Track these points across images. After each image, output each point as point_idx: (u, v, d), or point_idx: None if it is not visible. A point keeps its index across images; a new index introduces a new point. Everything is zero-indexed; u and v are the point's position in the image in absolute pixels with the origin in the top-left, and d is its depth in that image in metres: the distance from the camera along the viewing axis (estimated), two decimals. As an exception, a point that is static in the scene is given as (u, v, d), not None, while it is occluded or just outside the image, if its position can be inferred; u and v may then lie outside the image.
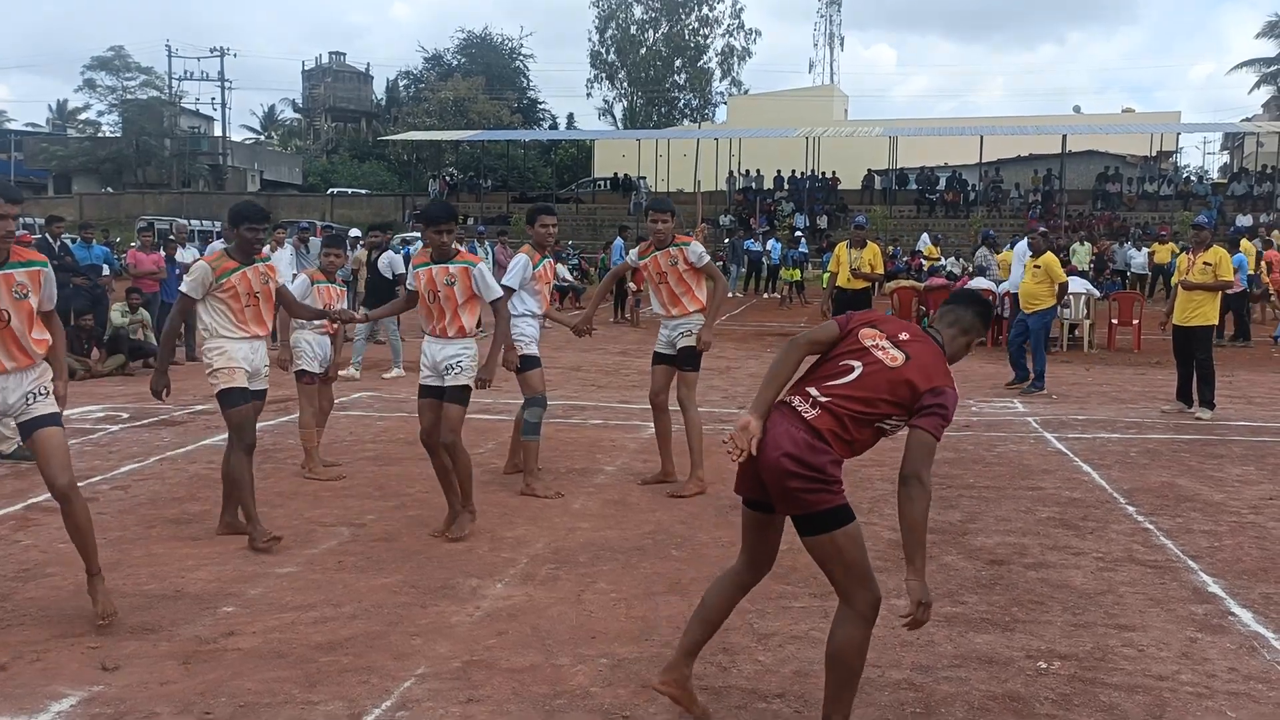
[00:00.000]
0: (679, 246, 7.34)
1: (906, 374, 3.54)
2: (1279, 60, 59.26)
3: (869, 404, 3.52)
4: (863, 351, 3.64)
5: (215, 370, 5.98)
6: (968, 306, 3.91)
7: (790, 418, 3.57)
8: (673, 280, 7.37)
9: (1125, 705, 3.99)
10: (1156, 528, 6.45)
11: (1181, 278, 10.58)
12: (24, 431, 4.77)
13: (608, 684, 4.14)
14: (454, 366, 6.25)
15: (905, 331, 3.73)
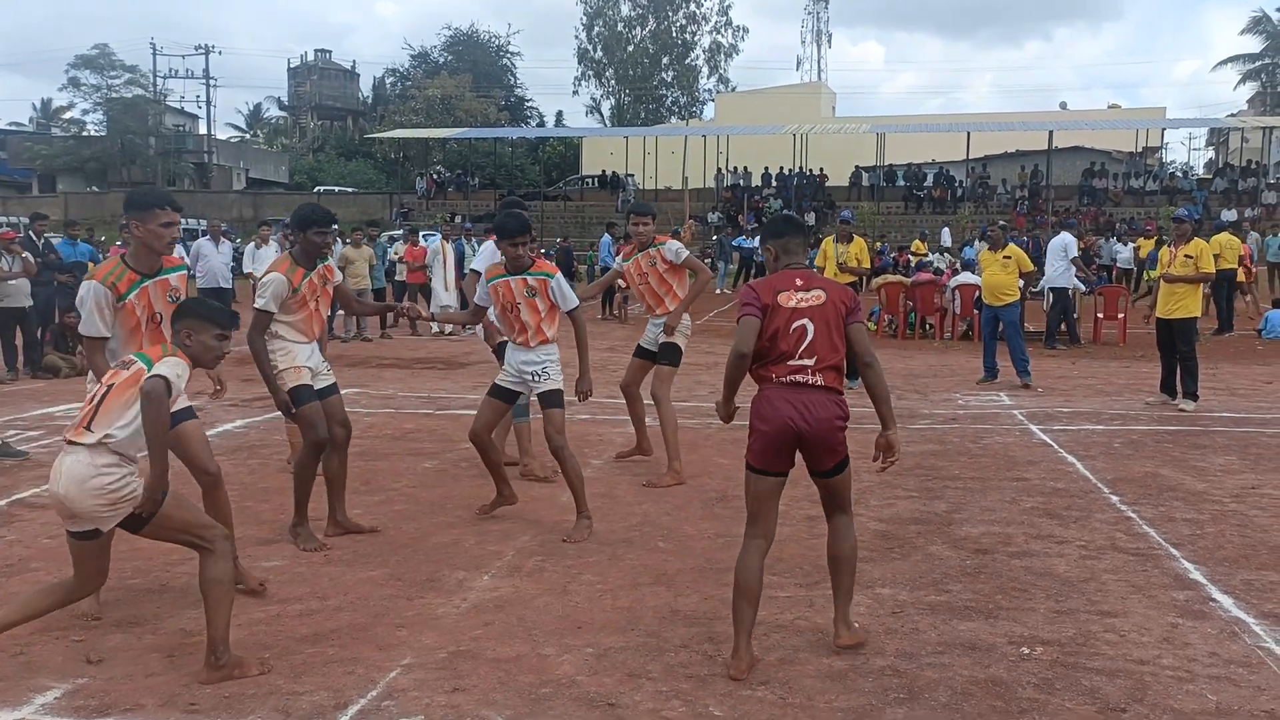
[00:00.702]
0: (657, 247, 7.53)
1: (834, 302, 4.28)
2: (1263, 56, 59.60)
3: (836, 341, 4.26)
4: (796, 311, 4.23)
5: (281, 371, 5.75)
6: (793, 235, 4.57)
7: (814, 391, 4.21)
8: (654, 281, 7.57)
9: (1106, 689, 4.02)
10: (1139, 516, 6.50)
11: (1163, 271, 10.63)
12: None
13: (593, 673, 4.16)
14: (540, 374, 6.33)
15: (799, 277, 4.34)
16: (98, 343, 4.85)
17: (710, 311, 23.67)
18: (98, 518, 4.00)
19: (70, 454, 3.99)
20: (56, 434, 8.99)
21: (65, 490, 3.95)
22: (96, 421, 3.99)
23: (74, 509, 3.97)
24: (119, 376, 4.08)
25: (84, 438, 3.97)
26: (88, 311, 4.80)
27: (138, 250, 4.91)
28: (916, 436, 9.02)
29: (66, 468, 3.97)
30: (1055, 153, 41.60)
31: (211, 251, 15.99)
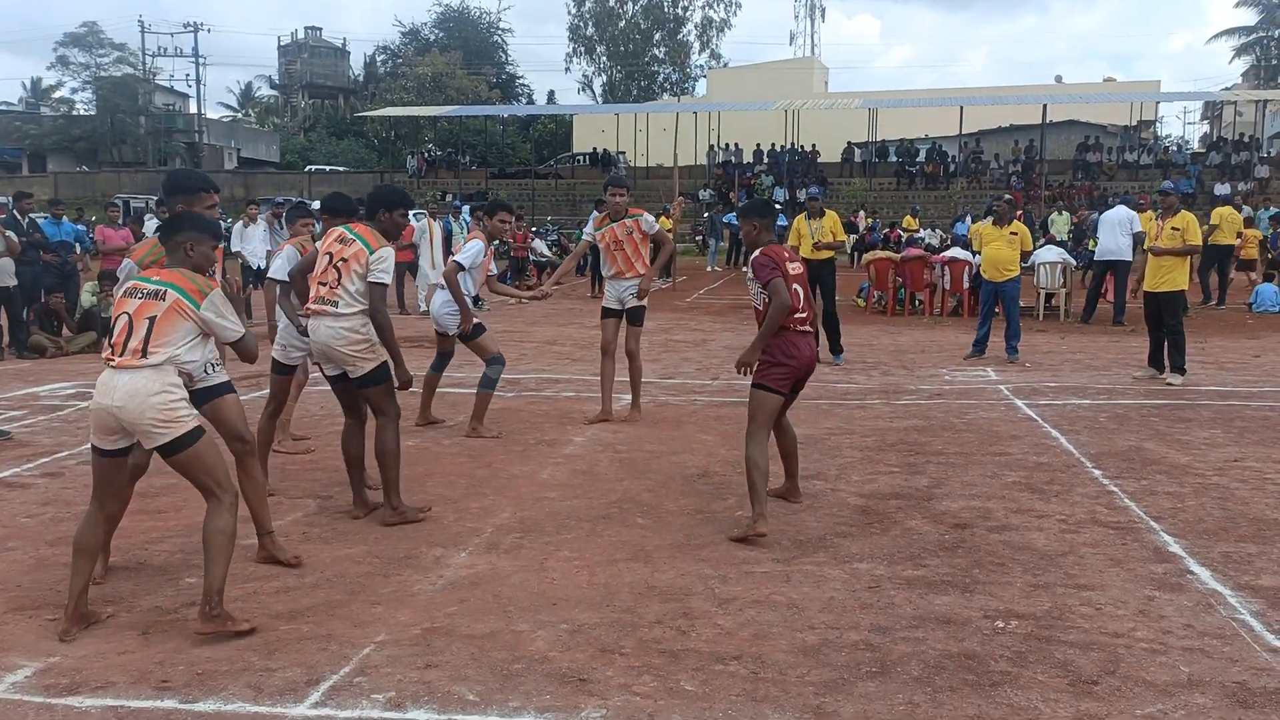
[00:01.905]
0: (634, 218, 8.39)
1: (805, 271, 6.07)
2: (1258, 29, 59.37)
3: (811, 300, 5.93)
4: (795, 277, 5.80)
5: (373, 345, 5.80)
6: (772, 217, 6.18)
7: (811, 337, 5.91)
8: (629, 248, 8.39)
9: (1079, 661, 4.02)
10: (1121, 490, 6.50)
11: (1150, 244, 10.61)
12: (198, 400, 4.84)
13: (566, 649, 4.15)
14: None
15: (786, 251, 5.93)
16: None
17: (701, 289, 23.63)
18: (148, 431, 4.23)
19: (128, 373, 4.24)
20: (41, 414, 9.00)
21: (123, 403, 4.19)
22: (154, 345, 4.27)
23: (128, 421, 4.22)
24: (155, 307, 4.32)
25: (149, 359, 4.25)
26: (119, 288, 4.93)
27: None
28: (900, 412, 9.02)
29: (125, 383, 4.22)
30: (1049, 127, 41.50)
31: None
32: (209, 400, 4.90)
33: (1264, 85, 54.80)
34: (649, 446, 7.70)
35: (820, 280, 11.54)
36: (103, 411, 4.27)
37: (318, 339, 5.82)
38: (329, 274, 5.83)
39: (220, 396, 4.94)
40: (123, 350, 4.29)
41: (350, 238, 5.87)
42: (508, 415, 8.84)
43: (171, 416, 4.24)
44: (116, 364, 4.27)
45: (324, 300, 5.81)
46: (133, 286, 4.44)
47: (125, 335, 4.30)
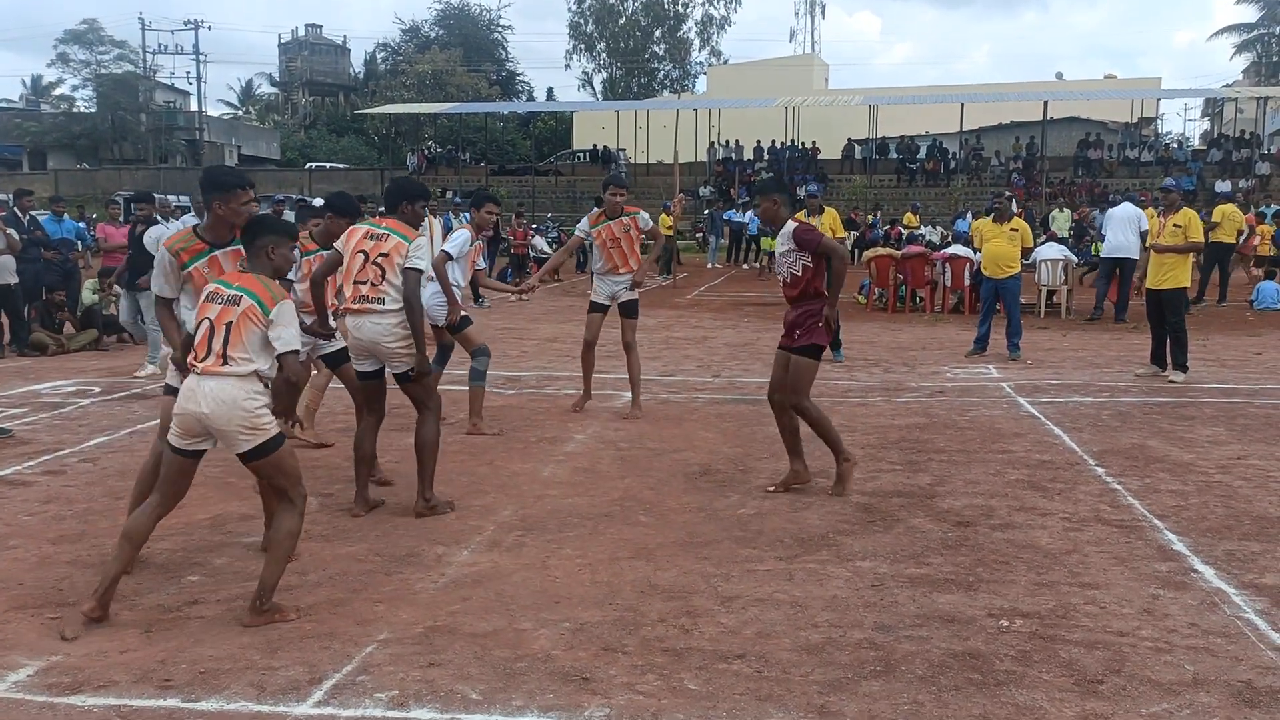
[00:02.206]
0: (630, 215, 8.65)
1: None
2: (1258, 26, 59.33)
3: None
4: None
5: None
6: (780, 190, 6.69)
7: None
8: (625, 245, 8.65)
9: (1084, 661, 4.01)
10: (1124, 488, 6.48)
11: (1152, 241, 10.59)
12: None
13: (569, 647, 4.14)
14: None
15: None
16: (162, 302, 5.12)
17: (701, 286, 23.62)
18: (234, 438, 4.39)
19: (212, 380, 4.35)
20: (43, 412, 8.98)
21: (210, 410, 4.33)
22: (232, 352, 4.37)
23: (215, 427, 4.37)
24: (232, 312, 4.41)
25: (230, 366, 4.36)
26: (155, 273, 5.12)
27: (215, 224, 5.10)
28: (902, 409, 9.01)
29: (210, 390, 4.34)
30: (1050, 124, 41.45)
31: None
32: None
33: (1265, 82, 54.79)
34: (650, 444, 7.69)
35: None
36: (189, 417, 4.38)
37: (363, 335, 5.85)
38: (368, 271, 5.85)
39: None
40: (206, 355, 4.40)
41: (382, 233, 5.91)
42: (509, 412, 8.83)
43: (257, 424, 4.38)
44: (201, 370, 4.38)
45: (367, 298, 5.83)
46: (214, 291, 4.53)
47: (207, 341, 4.41)
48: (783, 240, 6.43)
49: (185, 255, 5.01)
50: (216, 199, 5.05)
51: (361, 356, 6.02)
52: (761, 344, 13.47)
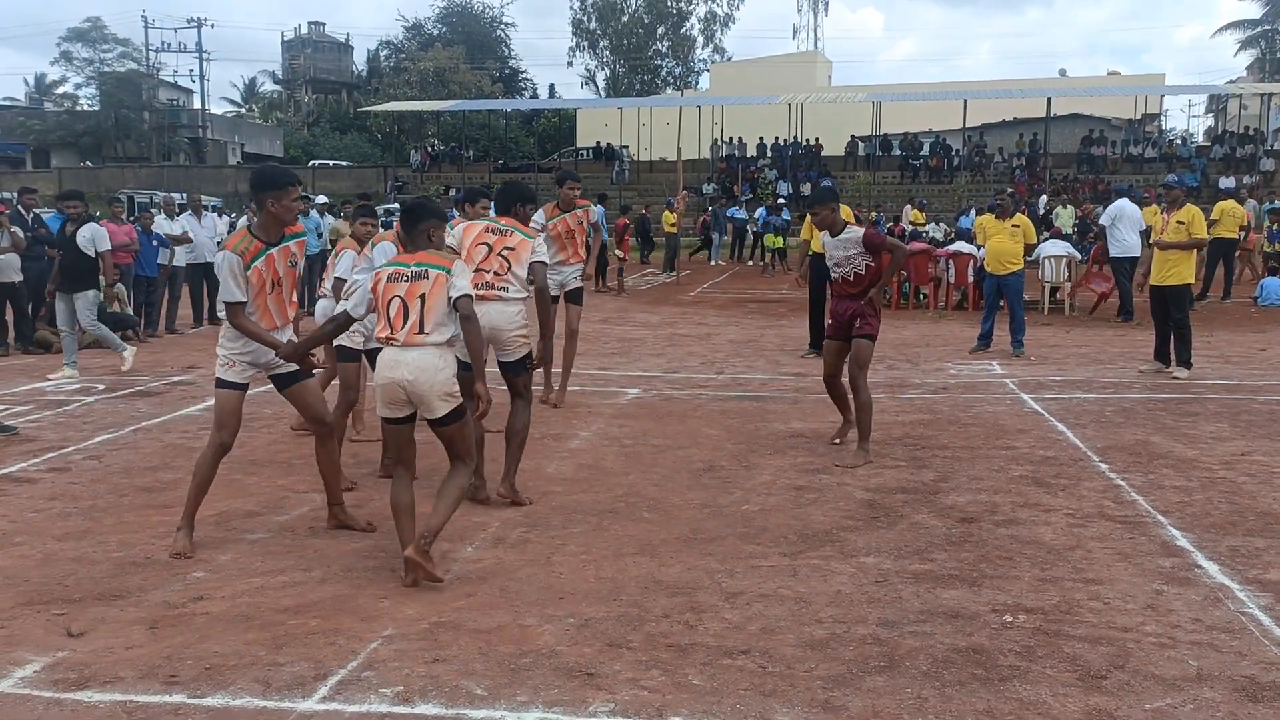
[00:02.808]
0: (583, 209, 9.16)
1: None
2: (1262, 23, 59.21)
3: None
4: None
5: (527, 332, 6.21)
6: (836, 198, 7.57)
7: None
8: (578, 236, 9.14)
9: (1088, 656, 4.01)
10: (1128, 484, 6.48)
11: (1156, 238, 10.58)
12: (281, 383, 5.43)
13: (573, 643, 4.15)
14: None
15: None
16: (237, 307, 5.21)
17: (705, 283, 23.62)
18: (433, 404, 4.74)
19: (414, 350, 4.71)
20: (48, 409, 9.00)
21: (415, 377, 4.69)
22: (429, 325, 4.74)
23: (417, 394, 4.72)
24: (423, 286, 4.77)
25: (429, 338, 4.73)
26: (224, 279, 5.17)
27: (266, 222, 5.26)
28: (906, 406, 9.01)
29: (414, 359, 4.70)
30: (1053, 120, 41.42)
31: (194, 226, 15.84)
32: (292, 384, 5.40)
33: (1269, 78, 54.71)
34: (654, 440, 7.70)
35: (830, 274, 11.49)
36: (392, 385, 4.73)
37: (488, 321, 5.93)
38: (493, 261, 6.16)
39: (303, 380, 5.42)
40: (402, 328, 4.73)
41: (503, 229, 6.30)
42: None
43: (453, 391, 4.77)
44: (401, 341, 4.72)
45: (491, 285, 6.08)
46: (395, 272, 4.85)
47: (401, 315, 4.75)
48: (845, 245, 7.26)
49: (248, 256, 5.16)
50: (270, 196, 5.19)
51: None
52: (765, 341, 13.48)
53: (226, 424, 5.34)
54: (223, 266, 5.15)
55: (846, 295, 7.33)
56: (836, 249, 7.33)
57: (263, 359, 5.34)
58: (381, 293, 4.84)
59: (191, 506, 5.38)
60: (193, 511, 5.39)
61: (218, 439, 5.34)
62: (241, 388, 5.38)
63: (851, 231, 7.27)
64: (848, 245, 7.24)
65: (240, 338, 5.28)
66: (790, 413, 8.78)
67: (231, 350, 5.32)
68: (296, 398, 5.48)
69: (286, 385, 5.44)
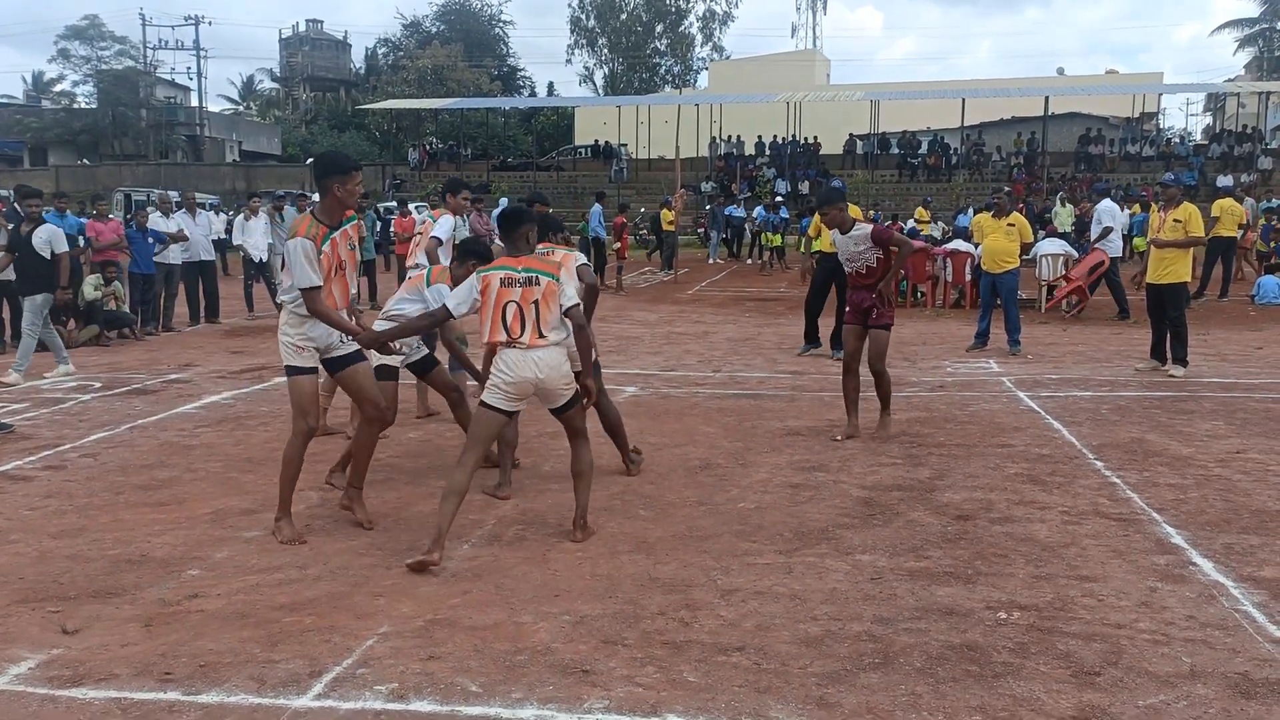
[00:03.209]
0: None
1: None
2: (1261, 21, 59.23)
3: None
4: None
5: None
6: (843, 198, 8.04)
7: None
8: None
9: (1081, 653, 4.02)
10: (1123, 482, 6.49)
11: (1152, 236, 10.59)
12: (334, 367, 5.55)
13: (569, 640, 4.16)
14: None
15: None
16: (315, 292, 5.25)
17: (703, 281, 23.62)
18: (559, 395, 5.29)
19: (541, 350, 5.15)
20: (44, 407, 8.99)
21: (546, 375, 5.17)
22: (546, 326, 5.16)
23: (547, 389, 5.24)
24: (535, 292, 5.17)
25: (549, 338, 5.17)
26: (300, 265, 5.21)
27: (330, 207, 5.37)
28: (903, 404, 8.99)
29: (543, 358, 5.16)
30: (1051, 119, 41.42)
31: (189, 224, 15.83)
32: (345, 368, 5.55)
33: (1267, 77, 54.71)
34: (651, 438, 7.70)
35: (837, 274, 11.55)
36: (525, 383, 5.17)
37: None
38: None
39: (354, 364, 5.56)
40: (521, 332, 5.13)
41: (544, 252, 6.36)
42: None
43: (572, 382, 5.30)
44: (527, 343, 5.13)
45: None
46: (506, 277, 5.19)
47: (519, 320, 5.13)
48: (855, 241, 7.75)
49: (318, 240, 5.26)
50: (335, 181, 5.32)
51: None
52: (762, 339, 13.49)
53: (309, 409, 5.49)
54: (296, 252, 5.20)
55: (862, 286, 7.84)
56: (848, 245, 7.83)
57: (325, 341, 5.46)
58: (495, 298, 5.17)
59: (286, 495, 5.54)
60: (288, 501, 5.55)
61: (303, 425, 5.47)
62: (314, 371, 5.52)
63: (861, 228, 7.79)
64: (858, 241, 7.75)
65: (304, 322, 5.39)
66: (787, 410, 8.78)
67: (297, 335, 5.42)
68: (349, 381, 5.60)
69: (340, 368, 5.57)
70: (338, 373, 5.61)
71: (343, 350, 5.51)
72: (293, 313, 5.41)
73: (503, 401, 5.20)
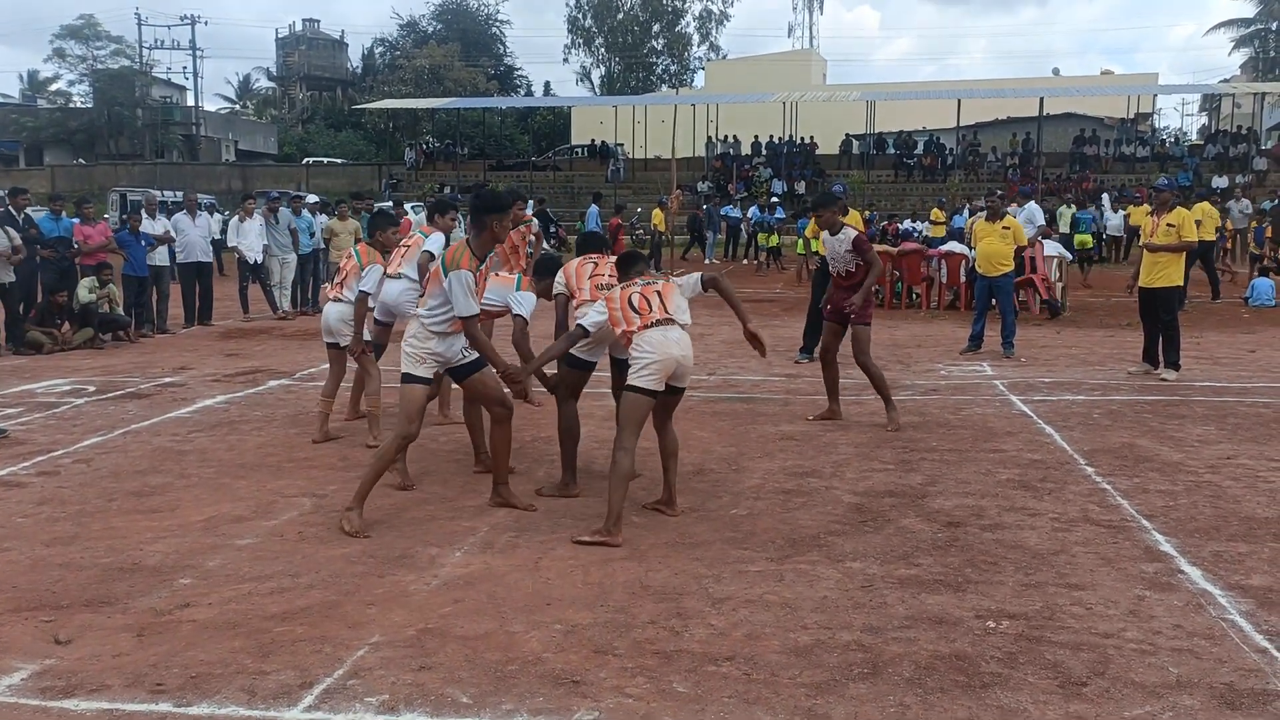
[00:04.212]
0: (526, 223, 9.97)
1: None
2: (1256, 21, 59.28)
3: None
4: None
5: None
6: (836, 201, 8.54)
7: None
8: (521, 249, 9.92)
9: (1069, 662, 4.04)
10: (1114, 488, 6.52)
11: (1145, 240, 10.62)
12: (461, 375, 6.03)
13: (560, 649, 4.17)
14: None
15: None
16: (474, 320, 5.69)
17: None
18: (690, 374, 5.87)
19: (674, 330, 5.68)
20: (38, 411, 8.99)
21: (687, 352, 5.71)
22: (672, 309, 5.74)
23: (688, 366, 5.76)
24: (657, 283, 5.88)
25: (677, 319, 5.73)
26: (463, 296, 5.58)
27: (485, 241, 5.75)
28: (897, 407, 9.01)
29: (679, 339, 5.67)
30: (1046, 119, 41.43)
31: (188, 225, 15.82)
32: (473, 373, 5.96)
33: (1262, 77, 54.75)
34: (644, 444, 7.60)
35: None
36: (672, 360, 5.61)
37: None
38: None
39: (482, 369, 5.95)
40: (650, 311, 5.65)
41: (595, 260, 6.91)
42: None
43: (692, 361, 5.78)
44: (657, 318, 5.65)
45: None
46: (627, 284, 5.85)
47: (645, 304, 5.69)
48: (843, 243, 8.34)
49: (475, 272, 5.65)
50: (494, 218, 5.72)
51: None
52: (757, 341, 13.49)
53: (416, 417, 5.76)
54: (459, 284, 5.55)
55: (843, 287, 8.45)
56: (835, 246, 8.44)
57: (449, 356, 5.85)
58: (620, 300, 5.74)
59: (365, 491, 5.78)
60: (364, 495, 5.79)
61: (407, 430, 5.74)
62: (429, 382, 5.87)
63: (846, 232, 8.36)
64: (843, 244, 8.37)
65: (433, 338, 5.75)
66: (780, 415, 8.81)
67: (423, 348, 5.76)
68: (475, 387, 6.06)
69: (465, 376, 6.01)
70: (462, 380, 6.08)
71: (464, 360, 5.92)
72: (429, 329, 5.75)
73: (653, 383, 5.57)
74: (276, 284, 16.77)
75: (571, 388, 6.54)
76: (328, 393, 8.15)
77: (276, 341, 13.62)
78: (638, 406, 5.61)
